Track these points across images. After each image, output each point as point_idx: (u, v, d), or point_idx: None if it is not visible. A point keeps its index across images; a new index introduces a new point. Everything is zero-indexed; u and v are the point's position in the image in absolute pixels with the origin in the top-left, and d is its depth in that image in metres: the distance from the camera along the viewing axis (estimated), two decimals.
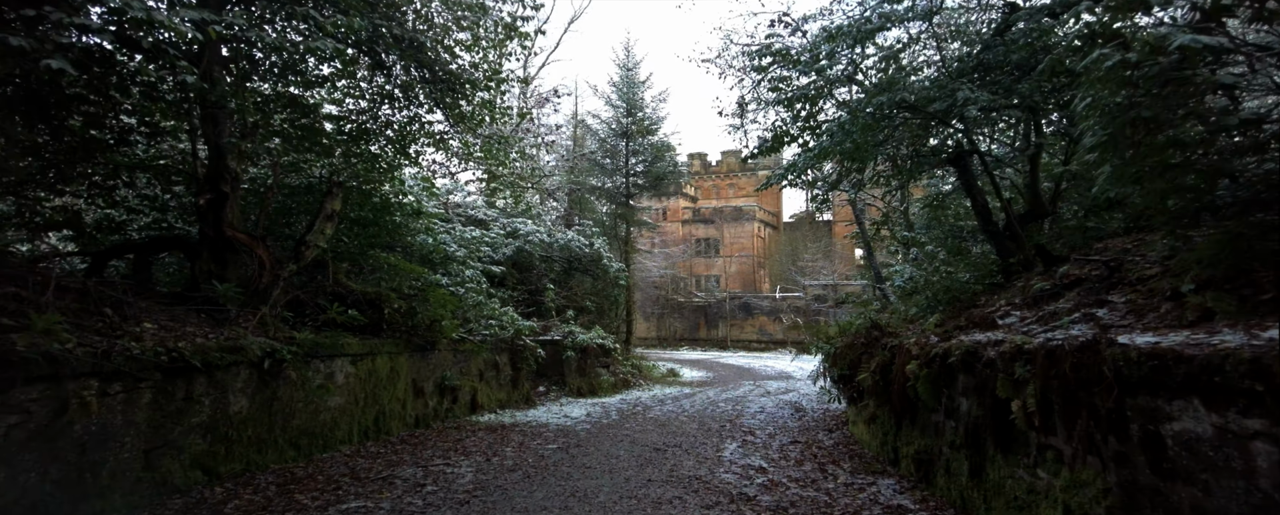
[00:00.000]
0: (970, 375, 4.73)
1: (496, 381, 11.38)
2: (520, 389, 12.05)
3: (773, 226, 56.88)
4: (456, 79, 8.73)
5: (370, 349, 7.90)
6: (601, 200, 21.67)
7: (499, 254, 14.54)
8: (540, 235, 14.68)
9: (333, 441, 7.11)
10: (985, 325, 5.74)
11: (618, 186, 20.59)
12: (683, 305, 39.31)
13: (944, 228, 10.61)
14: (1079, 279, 5.48)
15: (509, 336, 11.58)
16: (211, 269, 6.71)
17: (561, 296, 16.14)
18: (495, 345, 11.33)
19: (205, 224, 6.67)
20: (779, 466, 6.77)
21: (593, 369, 14.74)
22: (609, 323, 18.46)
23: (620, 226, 21.05)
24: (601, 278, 18.15)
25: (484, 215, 15.56)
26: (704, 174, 62.41)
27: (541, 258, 16.30)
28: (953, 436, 5.01)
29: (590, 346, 14.42)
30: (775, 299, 37.63)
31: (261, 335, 6.29)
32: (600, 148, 20.34)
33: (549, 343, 14.06)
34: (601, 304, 17.76)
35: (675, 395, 14.73)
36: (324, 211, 7.40)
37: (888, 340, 6.95)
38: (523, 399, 12.07)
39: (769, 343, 36.69)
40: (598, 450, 7.52)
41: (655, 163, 19.59)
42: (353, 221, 9.34)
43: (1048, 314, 5.05)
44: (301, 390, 6.61)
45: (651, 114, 19.89)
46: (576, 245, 16.45)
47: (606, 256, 17.05)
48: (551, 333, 14.38)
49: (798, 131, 8.76)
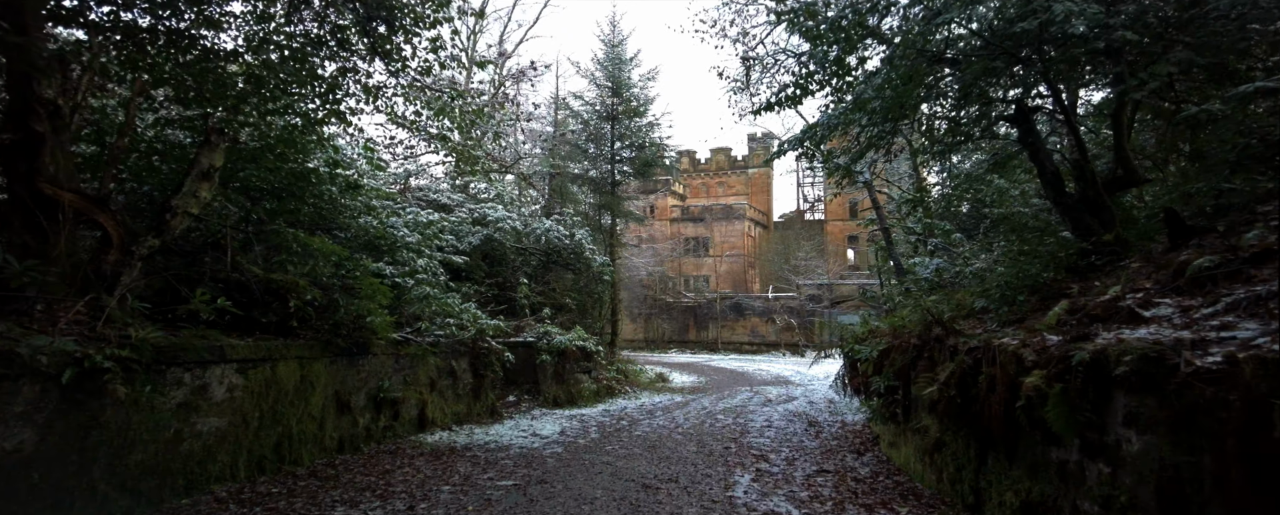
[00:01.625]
0: (1149, 397, 2.96)
1: (453, 391, 9.47)
2: (483, 400, 10.14)
3: (763, 225, 55.36)
4: (395, 9, 6.86)
5: (268, 352, 5.97)
6: (584, 190, 19.82)
7: (464, 243, 12.64)
8: (512, 222, 12.81)
9: (203, 480, 5.18)
10: (1117, 318, 3.99)
11: (602, 174, 18.74)
12: (671, 306, 37.54)
13: (1002, 202, 8.89)
14: (1269, 252, 3.74)
15: (470, 337, 9.69)
16: (25, 241, 4.76)
17: (537, 293, 14.27)
18: (451, 348, 9.42)
19: (10, 177, 4.73)
20: (814, 513, 4.97)
21: (572, 375, 12.87)
22: (591, 323, 16.60)
23: (605, 218, 19.20)
24: (583, 273, 16.29)
25: (448, 199, 13.65)
26: (693, 172, 60.79)
27: (515, 249, 14.41)
28: (1104, 489, 3.24)
29: (569, 350, 12.56)
30: (768, 299, 35.99)
31: (84, 335, 4.37)
32: (583, 130, 18.48)
33: (521, 345, 12.18)
34: (583, 302, 15.90)
35: (666, 404, 12.92)
36: (197, 167, 5.49)
37: (958, 341, 5.19)
38: (486, 411, 10.17)
39: (761, 345, 35.02)
40: (566, 489, 5.66)
41: (643, 147, 17.77)
42: (264, 192, 7.41)
43: (1240, 302, 3.30)
44: (147, 412, 4.68)
45: (639, 94, 18.09)
46: (555, 236, 14.59)
47: (589, 249, 15.21)
48: (524, 334, 12.50)
49: (824, 79, 6.98)
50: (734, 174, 60.09)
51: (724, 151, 60.46)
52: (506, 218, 12.83)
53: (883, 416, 7.76)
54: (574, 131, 18.61)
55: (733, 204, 51.37)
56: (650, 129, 17.90)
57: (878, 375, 7.08)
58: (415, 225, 10.58)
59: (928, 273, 10.33)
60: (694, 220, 50.84)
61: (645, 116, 17.98)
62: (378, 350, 7.64)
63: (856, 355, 9.31)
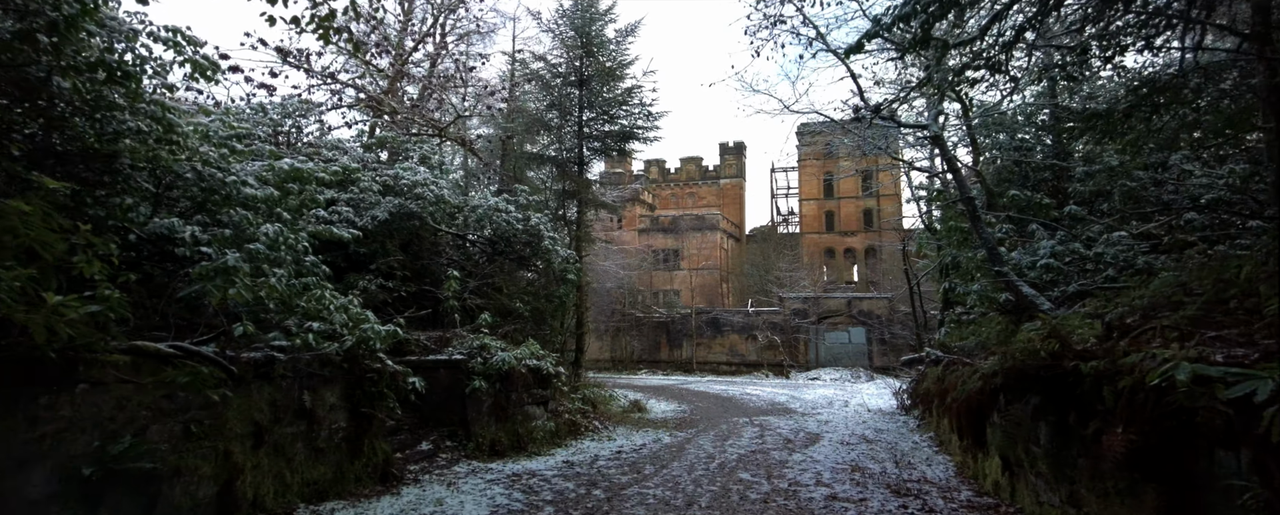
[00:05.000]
0: None
1: (308, 445, 5.55)
2: (368, 455, 6.22)
3: (736, 238, 52.47)
4: None
5: None
6: (544, 173, 16.10)
7: (363, 217, 8.75)
8: (437, 189, 9.02)
9: None
10: None
11: (567, 151, 15.08)
12: (641, 321, 33.81)
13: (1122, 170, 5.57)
14: None
15: (341, 351, 5.83)
16: None
17: (474, 293, 10.42)
18: (304, 371, 5.54)
19: None
20: None
21: (520, 408, 9.03)
22: (550, 336, 12.79)
23: (570, 207, 15.49)
24: (541, 270, 12.52)
25: (357, 158, 9.76)
26: (662, 182, 57.77)
27: (443, 233, 10.56)
28: None
29: (516, 372, 8.74)
30: (748, 314, 32.66)
31: None
32: (544, 95, 14.82)
33: (443, 366, 8.31)
34: (540, 308, 12.10)
35: (652, 449, 9.20)
36: None
37: None
38: (372, 475, 6.24)
39: (741, 365, 31.57)
40: None
41: (614, 113, 14.17)
42: None
43: None
44: None
45: (615, 54, 14.58)
46: (503, 218, 10.82)
47: (549, 237, 11.47)
48: (450, 349, 8.62)
49: None
50: (705, 184, 57.34)
51: (694, 161, 57.74)
52: (429, 181, 9.01)
53: (1046, 479, 4.25)
54: (532, 93, 14.92)
55: (705, 214, 48.34)
56: (629, 96, 14.37)
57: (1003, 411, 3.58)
58: (275, 175, 6.73)
59: (1043, 257, 6.98)
60: (664, 231, 47.54)
61: (623, 80, 14.47)
62: (101, 376, 3.74)
63: (962, 385, 5.83)
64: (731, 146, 57.11)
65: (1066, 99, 9.40)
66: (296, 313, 6.01)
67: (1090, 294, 6.73)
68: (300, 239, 6.28)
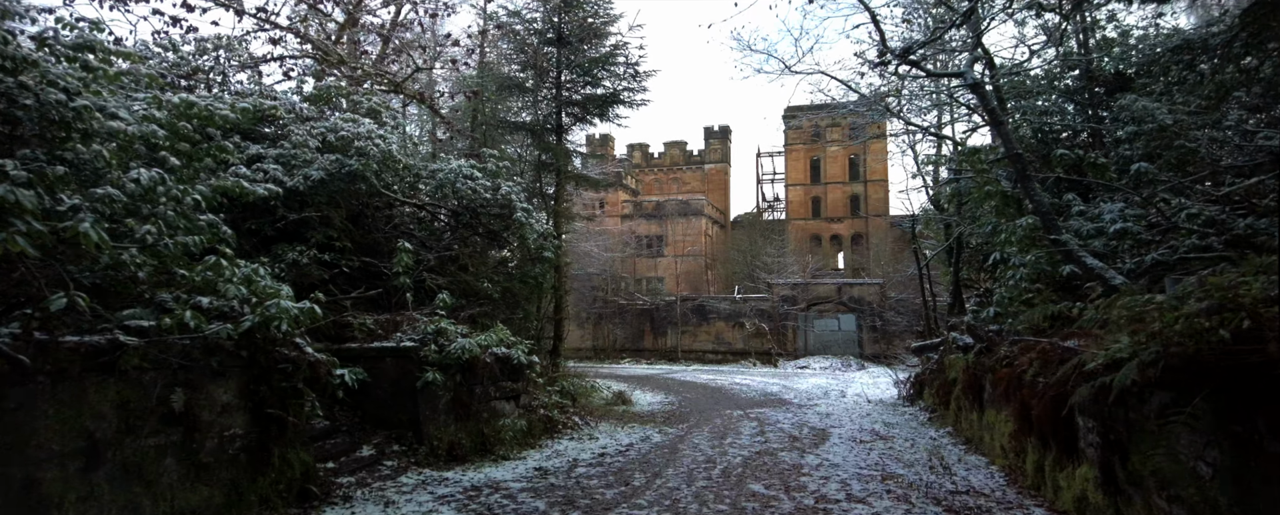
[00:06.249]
0: None
1: (181, 459, 4.11)
2: (277, 468, 4.79)
3: (720, 224, 51.29)
4: None
5: None
6: (519, 140, 14.60)
7: (294, 177, 7.23)
8: (384, 145, 7.51)
9: None
10: None
11: (544, 117, 13.59)
12: (625, 308, 32.50)
13: None
14: None
15: (235, 335, 4.38)
16: None
17: (434, 270, 8.96)
18: (172, 360, 4.09)
19: None
20: None
21: (485, 404, 7.66)
22: (524, 322, 11.40)
23: (547, 180, 14.05)
24: (514, 247, 11.10)
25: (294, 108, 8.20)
26: (646, 166, 56.32)
27: (402, 200, 9.09)
28: None
29: (480, 362, 7.34)
30: (736, 300, 31.54)
31: None
32: (518, 55, 13.26)
33: (391, 354, 6.88)
34: (512, 290, 10.68)
35: (642, 450, 7.91)
36: None
37: None
38: (284, 491, 4.82)
39: (728, 353, 30.47)
40: None
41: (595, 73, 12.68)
42: None
43: None
44: None
45: (597, 6, 13.07)
46: (469, 186, 9.35)
47: (522, 209, 10.02)
48: (400, 335, 7.19)
49: None
50: (689, 169, 56.00)
51: (679, 145, 56.38)
52: (372, 134, 7.49)
53: (1191, 507, 3.02)
54: (506, 51, 13.36)
55: (690, 199, 47.01)
56: (614, 55, 12.89)
57: None
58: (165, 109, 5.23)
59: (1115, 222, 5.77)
60: (648, 216, 46.17)
61: (607, 38, 12.97)
62: None
63: (1030, 375, 4.62)
64: (717, 130, 55.78)
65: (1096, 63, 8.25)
66: (182, 285, 4.56)
67: (1171, 266, 5.54)
68: (190, 192, 4.82)
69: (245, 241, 7.45)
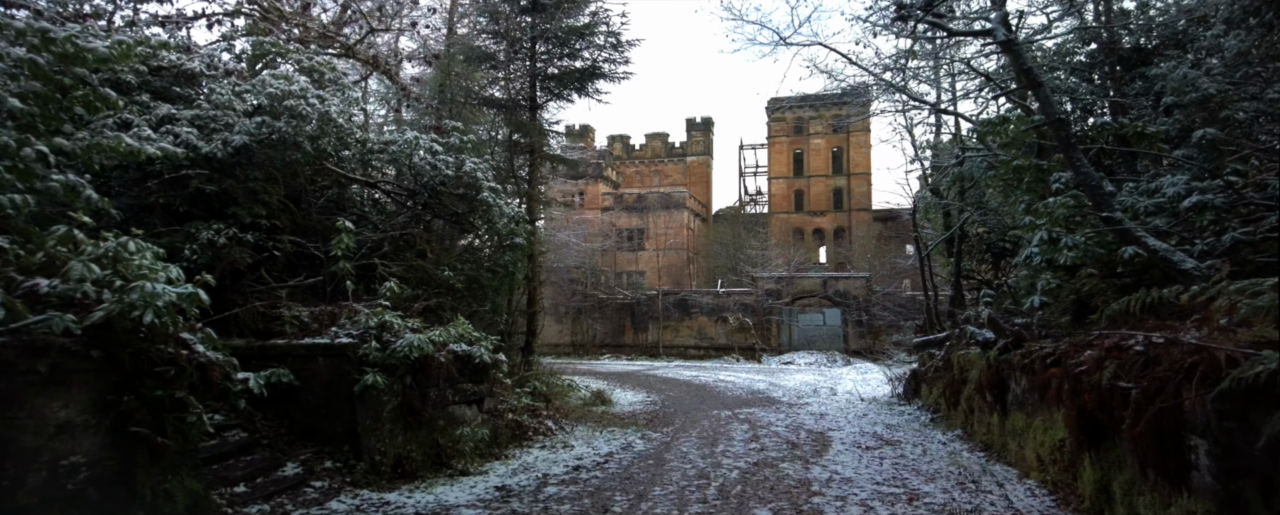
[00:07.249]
0: None
1: None
2: (148, 501, 3.68)
3: (702, 218, 50.44)
4: None
5: None
6: (491, 124, 13.43)
7: (213, 142, 6.04)
8: (322, 106, 6.33)
9: None
10: None
11: (517, 92, 12.44)
12: (604, 303, 31.44)
13: None
14: None
15: (79, 328, 3.25)
16: None
17: (386, 257, 7.81)
18: None
19: None
20: None
21: (440, 410, 6.57)
22: (492, 315, 10.29)
23: (521, 162, 12.92)
24: (483, 232, 9.98)
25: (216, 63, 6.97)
26: (626, 158, 55.19)
27: (347, 175, 7.92)
28: None
29: (435, 361, 6.26)
30: (718, 294, 30.69)
31: None
32: (490, 23, 12.08)
33: (323, 352, 5.76)
34: (478, 280, 9.56)
35: (623, 464, 6.89)
36: None
37: None
38: None
39: (710, 348, 29.62)
40: None
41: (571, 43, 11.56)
42: None
43: None
44: None
45: None
46: (425, 160, 8.21)
47: (490, 188, 8.92)
48: (336, 329, 6.06)
49: None
50: (671, 162, 55.02)
51: (660, 137, 55.33)
52: (306, 92, 6.32)
53: None
54: (478, 21, 12.16)
55: (671, 192, 46.06)
56: (593, 24, 11.78)
57: None
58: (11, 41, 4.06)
59: (1187, 197, 4.92)
60: (629, 209, 45.12)
61: (587, 5, 11.86)
62: None
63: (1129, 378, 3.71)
64: (699, 122, 54.87)
65: None
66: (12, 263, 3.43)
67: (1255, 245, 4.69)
68: (32, 141, 3.67)
69: (154, 217, 6.27)
